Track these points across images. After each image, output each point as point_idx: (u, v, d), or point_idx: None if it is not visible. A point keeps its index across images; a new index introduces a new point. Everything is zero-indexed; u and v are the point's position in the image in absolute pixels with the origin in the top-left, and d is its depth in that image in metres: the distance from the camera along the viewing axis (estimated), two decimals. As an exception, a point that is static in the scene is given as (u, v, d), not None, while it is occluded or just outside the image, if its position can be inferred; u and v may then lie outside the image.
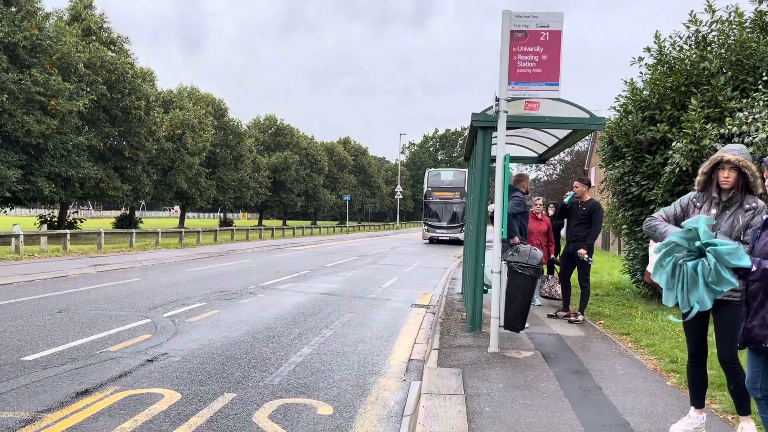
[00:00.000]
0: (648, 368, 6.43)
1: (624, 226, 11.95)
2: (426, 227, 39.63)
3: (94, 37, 35.89)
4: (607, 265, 20.51)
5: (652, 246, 4.51)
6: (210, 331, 8.62)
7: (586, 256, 8.91)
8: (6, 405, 5.21)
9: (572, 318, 9.02)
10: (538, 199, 11.12)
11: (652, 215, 4.44)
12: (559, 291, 9.84)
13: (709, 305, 3.34)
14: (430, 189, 39.50)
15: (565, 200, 9.51)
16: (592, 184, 34.04)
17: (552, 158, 43.41)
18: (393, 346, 8.04)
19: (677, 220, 4.29)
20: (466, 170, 25.92)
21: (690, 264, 3.35)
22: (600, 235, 35.27)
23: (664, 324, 8.67)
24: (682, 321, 3.95)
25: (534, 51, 6.77)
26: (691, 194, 4.38)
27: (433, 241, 39.44)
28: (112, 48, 37.27)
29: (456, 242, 37.76)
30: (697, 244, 3.35)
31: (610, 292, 12.82)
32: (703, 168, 4.24)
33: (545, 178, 47.03)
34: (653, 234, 4.26)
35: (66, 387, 5.77)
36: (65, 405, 5.25)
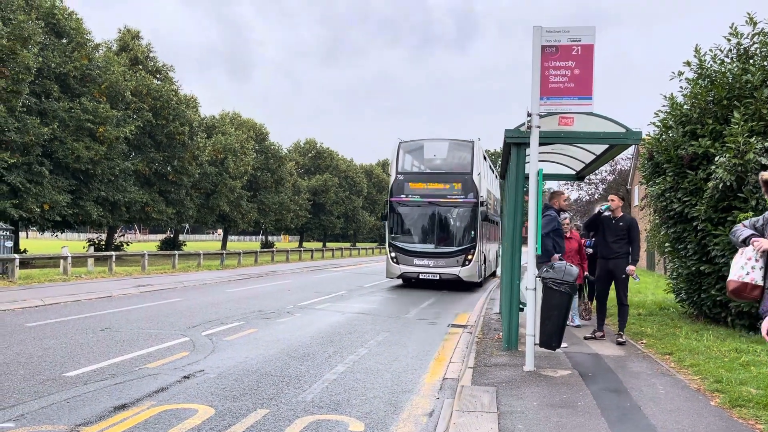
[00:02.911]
0: (691, 388, 6.20)
1: (666, 244, 11.64)
2: (392, 253, 19.50)
3: (140, 66, 37.19)
4: (652, 285, 19.96)
5: (738, 255, 4.35)
6: (246, 349, 8.70)
7: (635, 273, 8.66)
8: (46, 418, 5.34)
9: (620, 339, 8.71)
10: (566, 217, 10.90)
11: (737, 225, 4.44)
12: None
13: None
14: (402, 177, 19.58)
15: (602, 207, 9.10)
16: (636, 202, 33.29)
17: (593, 177, 42.77)
18: (427, 365, 7.97)
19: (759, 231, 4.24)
20: (472, 141, 19.16)
21: None
22: (644, 255, 34.36)
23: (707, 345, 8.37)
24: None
25: (566, 65, 6.72)
26: None
27: (409, 281, 20.36)
28: (158, 76, 38.55)
29: (456, 285, 19.34)
30: None
31: (653, 311, 12.45)
32: None
33: (587, 197, 46.23)
34: (733, 239, 4.33)
35: (104, 402, 5.89)
36: (103, 419, 5.35)
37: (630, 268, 8.58)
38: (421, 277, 18.92)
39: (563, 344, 8.00)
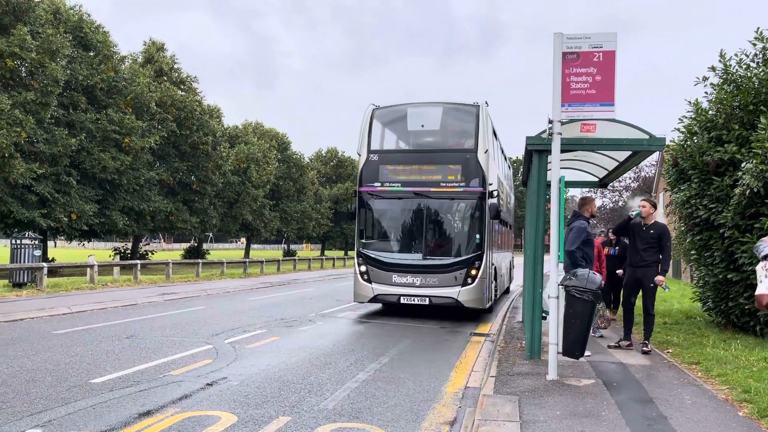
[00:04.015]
0: (719, 398, 6.09)
1: (692, 252, 11.46)
2: (361, 266, 13.79)
3: (165, 78, 37.76)
4: (678, 293, 19.63)
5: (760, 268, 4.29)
6: (268, 357, 8.75)
7: (664, 283, 8.51)
8: (72, 424, 5.43)
9: (645, 348, 8.57)
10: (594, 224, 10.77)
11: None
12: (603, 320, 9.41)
13: None
14: (375, 158, 13.87)
15: (633, 213, 8.90)
16: (660, 209, 32.86)
17: (617, 184, 42.33)
18: (449, 374, 7.93)
19: None
20: (478, 106, 13.33)
21: None
22: (670, 262, 33.86)
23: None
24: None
25: (587, 72, 6.69)
26: None
27: (388, 306, 14.98)
28: (182, 87, 39.09)
29: (454, 313, 14.05)
30: None
31: (679, 320, 12.25)
32: None
33: (611, 204, 45.73)
34: (755, 253, 4.23)
35: (129, 408, 5.97)
36: (127, 425, 5.42)
37: (659, 278, 8.42)
38: (403, 301, 13.03)
39: (587, 353, 7.91)
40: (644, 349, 8.54)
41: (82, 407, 5.98)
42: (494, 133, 15.04)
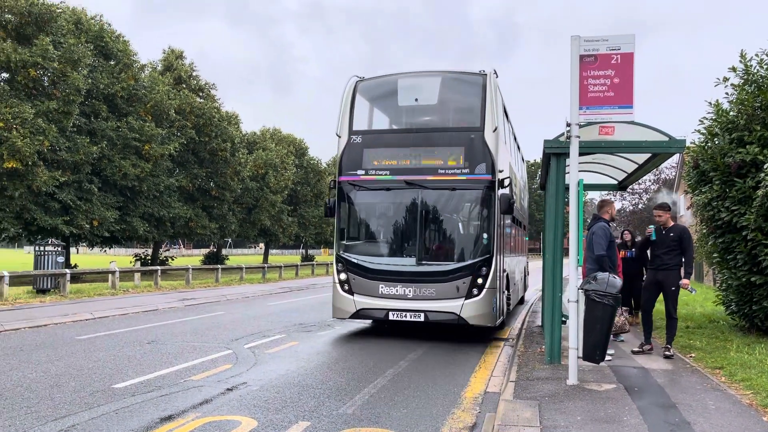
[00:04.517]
0: (743, 403, 5.99)
1: (715, 255, 11.30)
2: (341, 274, 11.27)
3: (184, 85, 38.17)
4: (700, 297, 19.37)
5: None
6: (288, 362, 8.79)
7: (690, 286, 8.41)
8: (96, 429, 5.50)
9: (667, 353, 8.47)
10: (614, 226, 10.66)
11: None
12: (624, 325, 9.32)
13: None
14: (358, 140, 11.41)
15: (651, 237, 8.85)
16: (681, 212, 32.46)
17: (637, 186, 41.91)
18: (468, 378, 7.90)
19: None
20: (484, 75, 11.02)
21: None
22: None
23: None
24: None
25: (605, 74, 6.65)
26: None
27: (379, 324, 12.99)
28: (200, 94, 39.49)
29: (456, 331, 11.78)
30: None
31: (702, 324, 12.09)
32: None
33: (630, 207, 45.27)
34: None
35: (151, 413, 6.03)
36: (150, 430, 5.48)
37: (684, 281, 8.32)
38: (392, 317, 10.66)
39: (608, 357, 7.84)
40: (666, 353, 8.44)
41: (105, 412, 6.05)
42: (505, 112, 12.89)
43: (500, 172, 10.82)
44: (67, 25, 27.85)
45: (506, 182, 11.10)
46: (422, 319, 10.51)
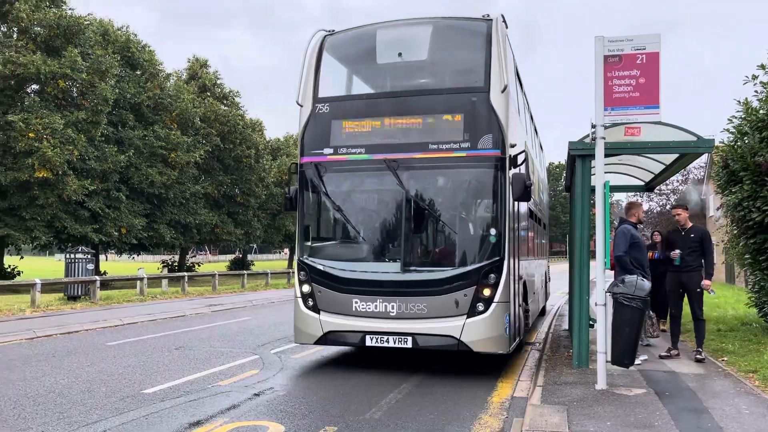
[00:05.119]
0: (778, 408, 5.86)
1: (747, 256, 11.07)
2: (304, 285, 8.56)
3: (208, 93, 38.67)
4: (732, 299, 18.98)
5: None
6: (314, 367, 8.82)
7: (711, 287, 8.29)
8: (127, 433, 5.58)
9: (699, 356, 8.32)
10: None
11: None
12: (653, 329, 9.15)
13: None
14: (325, 109, 8.85)
15: (675, 262, 8.65)
16: (711, 212, 31.88)
17: (664, 187, 41.26)
18: (495, 383, 7.84)
19: None
20: (489, 21, 8.49)
21: None
22: (723, 267, 32.74)
23: None
24: None
25: (630, 75, 6.57)
26: None
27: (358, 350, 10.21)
28: (225, 102, 39.95)
29: (453, 359, 9.38)
30: None
31: (734, 327, 11.84)
32: None
33: (658, 208, 44.58)
34: None
35: (180, 418, 6.10)
36: (179, 435, 5.54)
37: (706, 282, 8.22)
38: (370, 343, 8.18)
39: (637, 361, 7.72)
40: (698, 357, 8.29)
41: (135, 417, 6.14)
42: (518, 76, 10.43)
43: (512, 147, 8.26)
44: (95, 36, 28.42)
45: (520, 159, 8.42)
46: (409, 344, 7.94)
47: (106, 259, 67.71)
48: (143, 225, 29.94)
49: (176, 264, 39.00)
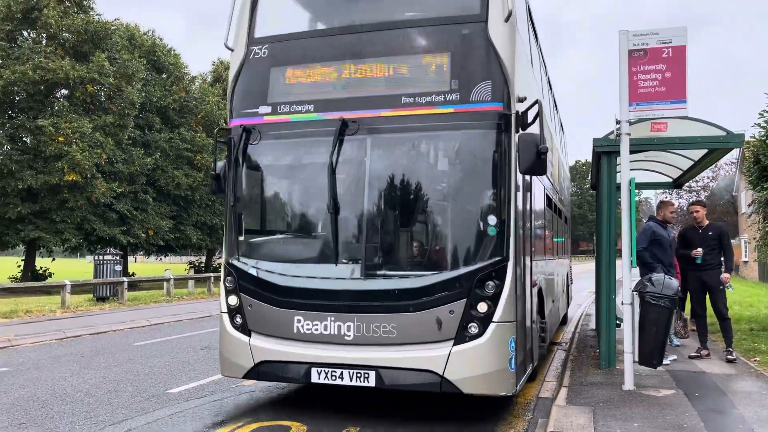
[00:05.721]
0: (813, 410, 5.68)
1: (779, 253, 10.82)
2: (231, 298, 6.27)
3: (233, 95, 39.03)
4: (765, 297, 18.55)
5: None
6: (337, 367, 8.81)
7: (729, 282, 8.13)
8: (152, 433, 5.63)
9: (729, 357, 8.12)
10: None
11: None
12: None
13: None
14: (263, 53, 6.40)
15: (697, 260, 8.47)
16: (743, 209, 31.19)
17: (694, 184, 40.56)
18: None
19: None
20: None
21: None
22: (756, 265, 32.03)
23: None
24: None
25: (656, 69, 6.44)
26: None
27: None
28: (249, 104, 40.28)
29: (434, 403, 6.44)
30: None
31: (767, 326, 11.55)
32: None
33: (687, 205, 43.83)
34: None
35: (205, 418, 6.14)
36: (202, 434, 5.58)
37: (725, 276, 8.07)
38: (317, 378, 5.76)
39: (666, 362, 7.57)
40: (729, 357, 8.09)
41: (160, 417, 6.20)
42: (528, 11, 7.93)
43: (520, 101, 5.89)
44: (121, 41, 28.86)
45: (530, 116, 5.96)
46: (371, 382, 5.63)
47: (135, 261, 68.75)
48: (170, 227, 30.32)
49: (203, 265, 39.40)
